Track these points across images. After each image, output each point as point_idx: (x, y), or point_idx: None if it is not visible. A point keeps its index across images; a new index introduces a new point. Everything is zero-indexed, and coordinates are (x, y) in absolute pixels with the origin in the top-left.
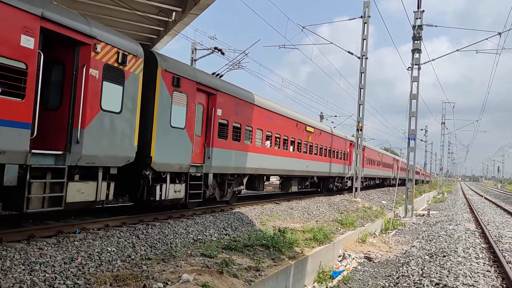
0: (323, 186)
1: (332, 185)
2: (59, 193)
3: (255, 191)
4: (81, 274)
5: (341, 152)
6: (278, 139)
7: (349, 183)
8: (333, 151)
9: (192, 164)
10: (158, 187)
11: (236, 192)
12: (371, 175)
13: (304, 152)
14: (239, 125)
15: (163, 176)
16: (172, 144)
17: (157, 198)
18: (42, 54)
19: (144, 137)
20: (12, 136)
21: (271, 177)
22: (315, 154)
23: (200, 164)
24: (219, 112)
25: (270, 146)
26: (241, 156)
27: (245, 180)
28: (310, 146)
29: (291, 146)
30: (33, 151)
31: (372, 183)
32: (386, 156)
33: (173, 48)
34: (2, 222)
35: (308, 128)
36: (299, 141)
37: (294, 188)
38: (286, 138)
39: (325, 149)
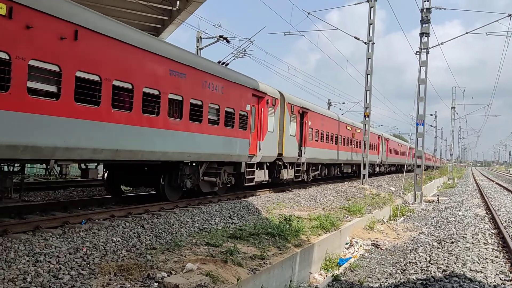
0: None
1: (184, 184)
2: None
3: None
4: (85, 264)
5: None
6: None
7: (259, 176)
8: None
9: None
10: None
11: None
12: (328, 160)
13: None
14: None
15: None
16: None
17: None
18: None
19: None
20: None
21: None
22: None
23: None
24: None
25: None
26: None
27: None
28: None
29: None
30: None
31: (337, 172)
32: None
33: (180, 38)
34: (9, 214)
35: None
36: None
37: None
38: None
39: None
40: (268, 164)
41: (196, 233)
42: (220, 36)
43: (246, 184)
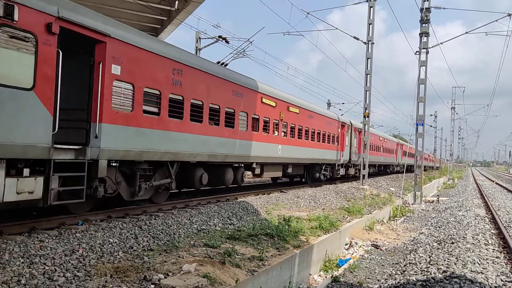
0: None
1: None
2: None
3: None
4: (81, 266)
5: None
6: None
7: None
8: None
9: None
10: None
11: None
12: (208, 154)
13: None
14: None
15: None
16: None
17: None
18: None
19: None
20: None
21: None
22: None
23: None
24: None
25: None
26: None
27: None
28: None
29: None
30: None
31: (242, 177)
32: (317, 114)
33: (183, 39)
34: (4, 215)
35: None
36: None
37: None
38: None
39: None
40: None
41: (194, 234)
42: (219, 37)
43: None
